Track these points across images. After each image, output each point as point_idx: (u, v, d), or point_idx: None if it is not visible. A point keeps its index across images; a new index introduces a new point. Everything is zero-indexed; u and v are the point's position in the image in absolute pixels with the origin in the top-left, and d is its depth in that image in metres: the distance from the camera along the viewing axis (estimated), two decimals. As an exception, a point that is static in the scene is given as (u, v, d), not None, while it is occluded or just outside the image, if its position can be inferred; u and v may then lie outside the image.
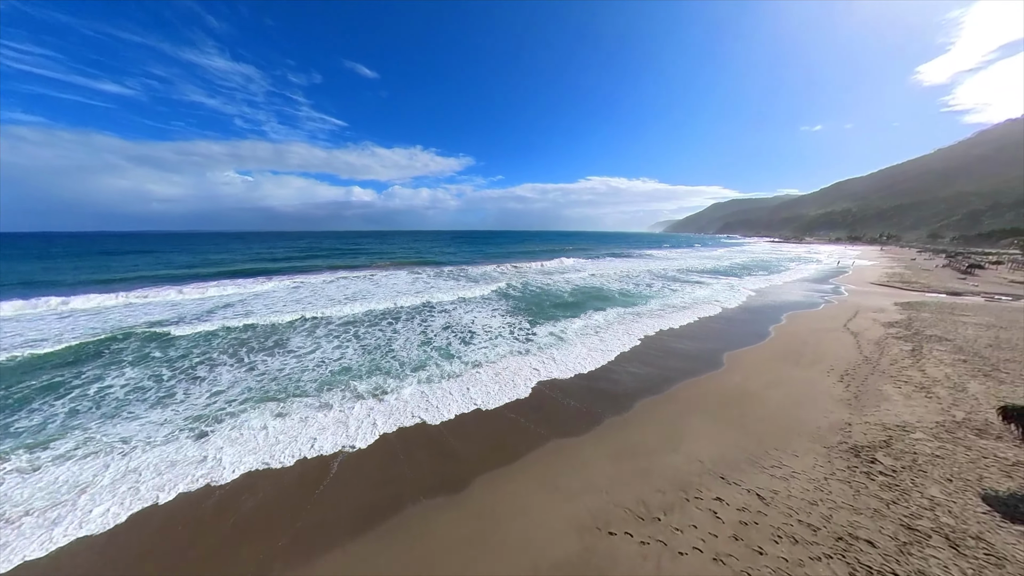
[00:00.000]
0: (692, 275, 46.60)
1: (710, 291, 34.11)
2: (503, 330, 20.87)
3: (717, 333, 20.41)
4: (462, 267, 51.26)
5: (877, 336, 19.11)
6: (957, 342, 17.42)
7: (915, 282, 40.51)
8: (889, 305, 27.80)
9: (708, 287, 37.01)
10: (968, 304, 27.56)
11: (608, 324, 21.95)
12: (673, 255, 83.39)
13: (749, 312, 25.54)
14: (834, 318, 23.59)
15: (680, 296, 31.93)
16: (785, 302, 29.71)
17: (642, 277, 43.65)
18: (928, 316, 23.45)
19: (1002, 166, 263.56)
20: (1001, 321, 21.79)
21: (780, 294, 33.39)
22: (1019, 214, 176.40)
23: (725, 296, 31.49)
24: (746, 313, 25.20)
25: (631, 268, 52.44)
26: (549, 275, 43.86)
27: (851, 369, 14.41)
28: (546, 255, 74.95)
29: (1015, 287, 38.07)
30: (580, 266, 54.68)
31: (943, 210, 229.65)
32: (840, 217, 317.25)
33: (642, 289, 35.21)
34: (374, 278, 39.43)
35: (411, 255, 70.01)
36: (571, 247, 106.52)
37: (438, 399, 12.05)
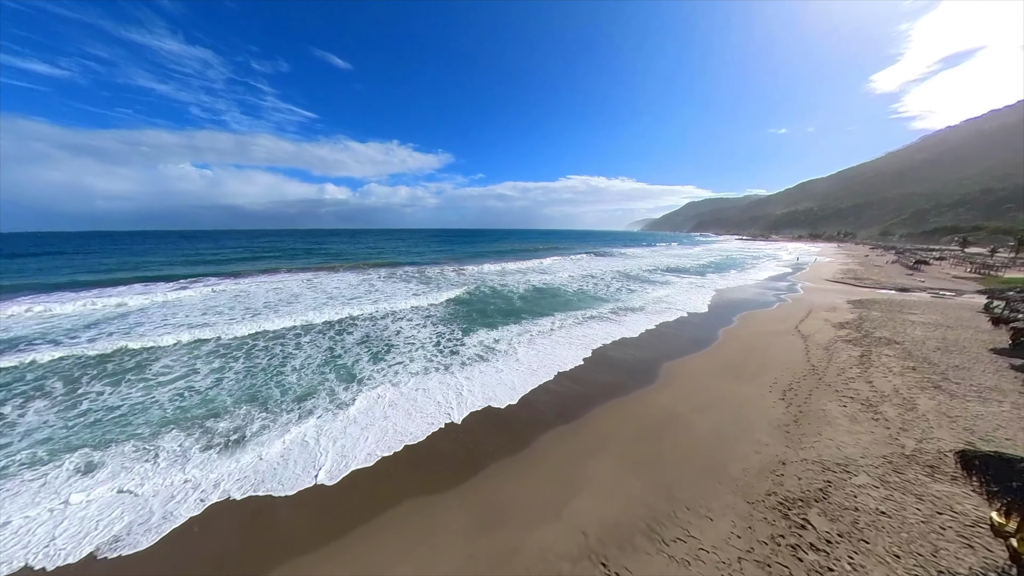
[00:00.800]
0: (656, 274, 45.65)
1: (669, 291, 32.87)
2: (428, 343, 18.27)
3: (662, 340, 18.69)
4: (422, 267, 48.19)
5: (827, 339, 17.94)
6: (906, 345, 16.40)
7: (867, 279, 41.12)
8: (841, 303, 27.31)
9: (669, 286, 35.90)
10: (915, 301, 27.45)
11: (551, 331, 19.81)
12: (644, 253, 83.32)
13: (702, 314, 24.15)
14: (786, 319, 22.54)
15: (638, 297, 30.43)
16: (741, 301, 28.76)
17: (606, 277, 42.17)
18: (878, 315, 22.83)
19: (943, 169, 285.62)
20: (947, 319, 21.34)
21: (737, 293, 32.56)
22: (957, 213, 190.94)
23: (683, 296, 30.23)
24: (699, 315, 23.79)
25: (599, 267, 51.04)
26: (509, 275, 41.59)
27: (796, 382, 12.84)
28: (517, 255, 72.75)
29: (957, 282, 39.25)
30: (547, 266, 52.78)
31: (893, 209, 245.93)
32: (803, 216, 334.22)
33: (600, 290, 33.53)
34: (315, 281, 35.79)
35: (373, 255, 65.97)
36: (546, 246, 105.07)
37: (297, 456, 9.28)
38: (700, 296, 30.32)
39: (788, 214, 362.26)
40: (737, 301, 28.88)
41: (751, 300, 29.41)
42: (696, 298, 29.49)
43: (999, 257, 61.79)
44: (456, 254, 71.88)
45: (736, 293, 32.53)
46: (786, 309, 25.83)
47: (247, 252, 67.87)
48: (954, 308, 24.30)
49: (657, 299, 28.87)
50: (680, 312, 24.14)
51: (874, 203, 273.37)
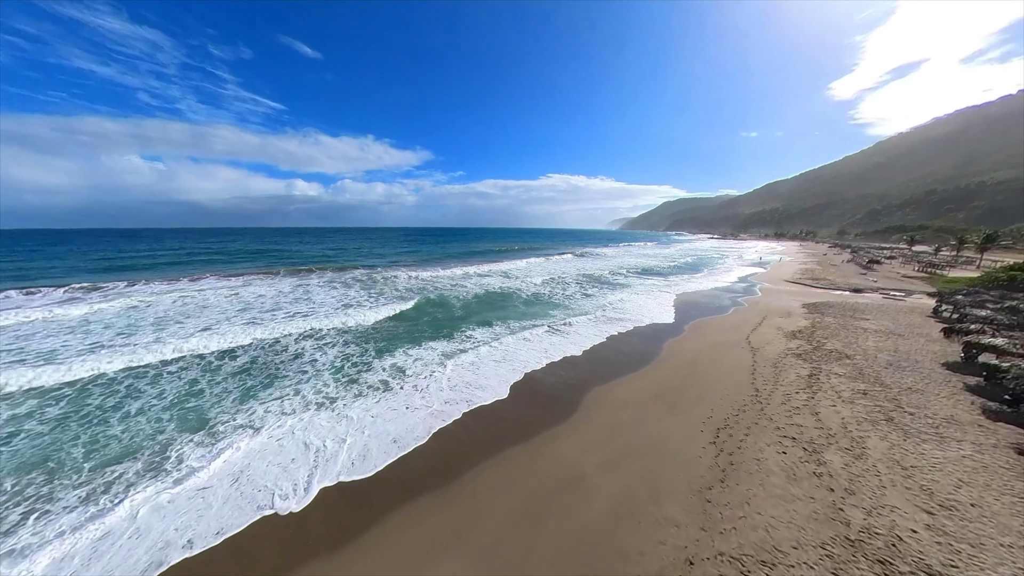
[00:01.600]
0: (622, 276, 44.17)
1: (629, 296, 31.10)
2: (327, 369, 15.26)
3: (603, 357, 16.54)
4: (375, 271, 44.48)
5: (777, 353, 16.36)
6: (857, 361, 14.96)
7: (823, 279, 41.22)
8: (797, 307, 26.38)
9: (630, 290, 34.26)
10: (868, 304, 26.87)
11: (485, 347, 17.24)
12: (617, 253, 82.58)
13: (653, 323, 22.31)
14: (739, 327, 21.04)
15: (594, 303, 28.49)
16: (697, 306, 27.35)
17: (570, 280, 40.15)
18: (831, 321, 21.78)
19: (894, 172, 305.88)
20: (898, 325, 20.45)
21: (696, 297, 31.23)
22: (905, 212, 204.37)
23: (640, 302, 28.47)
24: (650, 325, 21.92)
25: (567, 269, 49.05)
26: (469, 279, 38.75)
27: (734, 415, 10.87)
28: (487, 256, 69.95)
29: (906, 282, 39.92)
30: (512, 269, 50.24)
31: (850, 209, 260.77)
32: (770, 215, 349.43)
33: (558, 295, 31.33)
34: (242, 290, 31.58)
35: (331, 256, 61.28)
36: (523, 246, 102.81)
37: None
38: (658, 302, 28.69)
39: (756, 213, 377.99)
40: (694, 306, 27.44)
41: (708, 305, 28.08)
42: (653, 304, 27.81)
43: (943, 256, 64.91)
44: (421, 255, 68.19)
45: (695, 297, 31.19)
46: (741, 315, 24.53)
47: (186, 254, 61.34)
48: (905, 312, 23.70)
49: (614, 306, 26.94)
50: (631, 322, 22.17)
51: (833, 203, 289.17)
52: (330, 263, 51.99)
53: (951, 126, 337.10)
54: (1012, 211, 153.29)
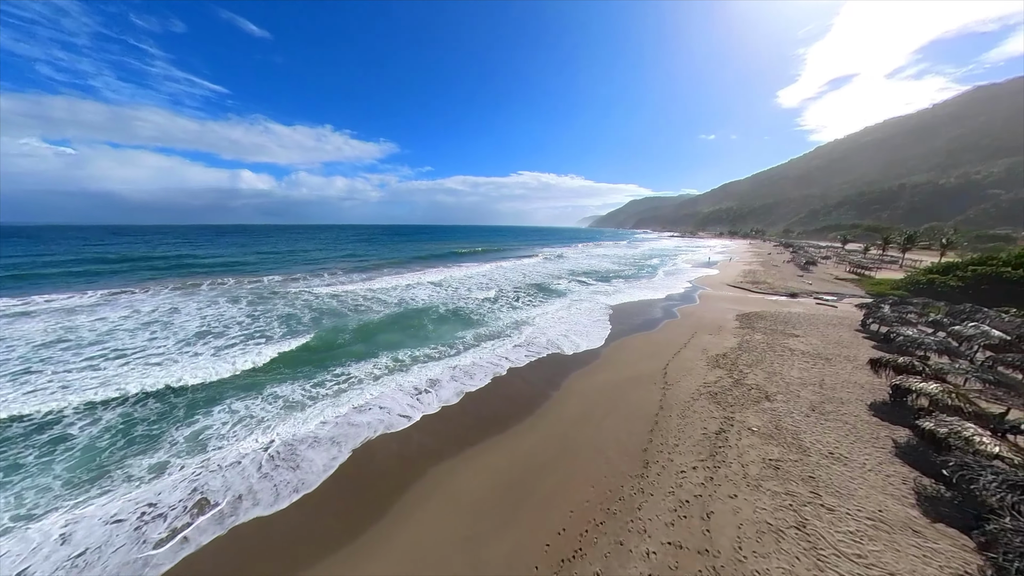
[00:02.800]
0: (563, 281, 41.25)
1: (557, 308, 27.88)
2: (97, 441, 10.29)
3: (477, 404, 12.86)
4: (292, 280, 38.30)
5: (690, 393, 13.49)
6: (777, 405, 12.33)
7: (763, 282, 40.71)
8: (730, 319, 24.40)
9: (563, 299, 31.18)
10: (800, 314, 25.40)
11: (301, 411, 12.90)
12: (575, 254, 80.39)
13: (567, 347, 19.03)
14: (661, 350, 18.28)
15: (517, 315, 25.10)
16: (628, 319, 24.66)
17: (508, 288, 36.46)
18: (760, 340, 19.65)
19: (831, 175, 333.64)
20: (827, 344, 18.58)
21: (631, 308, 28.60)
22: (840, 212, 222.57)
23: (567, 318, 25.24)
24: (561, 352, 18.59)
25: (509, 275, 45.28)
26: (394, 292, 33.94)
27: (596, 525, 7.48)
28: (434, 260, 64.89)
29: (838, 284, 40.28)
30: (448, 279, 45.81)
31: (794, 208, 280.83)
32: (725, 214, 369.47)
33: (480, 310, 27.43)
34: (67, 319, 24.84)
35: (249, 264, 53.44)
36: (484, 247, 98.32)
37: None
38: (589, 317, 25.62)
39: (714, 212, 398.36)
40: (625, 319, 24.68)
41: (640, 317, 25.50)
42: (583, 320, 24.70)
43: (872, 255, 68.78)
44: (364, 259, 61.62)
45: (631, 308, 28.58)
46: (671, 331, 22.01)
47: (45, 263, 50.19)
48: (834, 325, 22.20)
49: (534, 324, 23.46)
50: (538, 351, 18.65)
51: (781, 203, 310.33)
52: (240, 271, 44.70)
53: (878, 134, 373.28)
54: (926, 211, 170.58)
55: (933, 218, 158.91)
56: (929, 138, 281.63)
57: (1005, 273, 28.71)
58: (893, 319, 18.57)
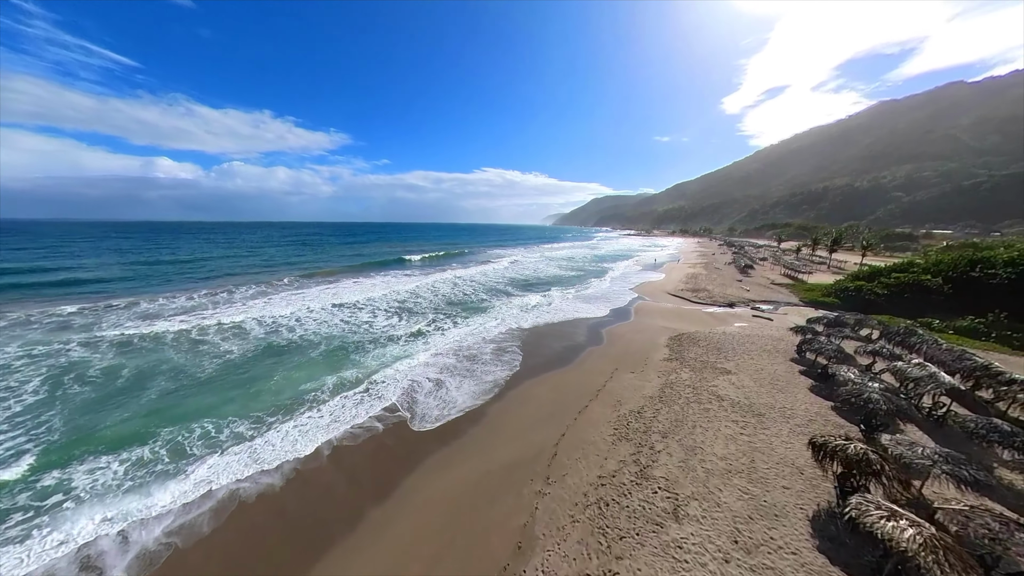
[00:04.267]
0: (495, 295, 36.58)
1: (460, 334, 22.86)
2: None
3: (274, 515, 7.49)
4: (114, 306, 29.68)
5: (574, 501, 9.10)
6: (686, 531, 8.26)
7: (703, 289, 38.94)
8: (661, 345, 20.97)
9: (481, 318, 26.31)
10: (735, 337, 22.63)
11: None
12: (528, 258, 76.21)
13: (433, 408, 14.10)
14: (565, 405, 13.98)
15: (394, 350, 19.73)
16: (542, 347, 20.35)
17: (426, 306, 30.98)
18: (687, 379, 16.11)
19: (768, 177, 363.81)
20: (760, 389, 15.30)
21: (552, 330, 24.26)
22: (775, 212, 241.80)
23: (462, 348, 20.31)
24: (421, 414, 13.62)
25: (439, 289, 39.67)
26: (260, 322, 26.87)
27: None
28: (361, 271, 57.47)
29: (774, 290, 39.57)
30: (361, 298, 39.26)
31: (737, 208, 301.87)
32: (678, 212, 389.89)
33: (378, 338, 21.82)
34: None
35: (104, 278, 42.64)
36: (432, 253, 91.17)
37: None
38: (494, 347, 20.87)
39: (668, 211, 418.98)
40: (538, 349, 20.28)
41: (560, 342, 21.35)
42: (482, 351, 19.91)
43: (804, 255, 72.02)
44: (273, 270, 52.33)
45: (552, 331, 24.32)
46: (588, 367, 17.97)
47: None
48: (769, 353, 19.39)
49: (411, 363, 18.26)
50: (383, 418, 13.50)
51: (726, 203, 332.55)
52: (61, 294, 33.89)
53: (806, 140, 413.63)
54: (846, 210, 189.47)
55: (851, 217, 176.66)
56: (846, 146, 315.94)
57: (924, 280, 28.48)
58: (831, 352, 15.78)
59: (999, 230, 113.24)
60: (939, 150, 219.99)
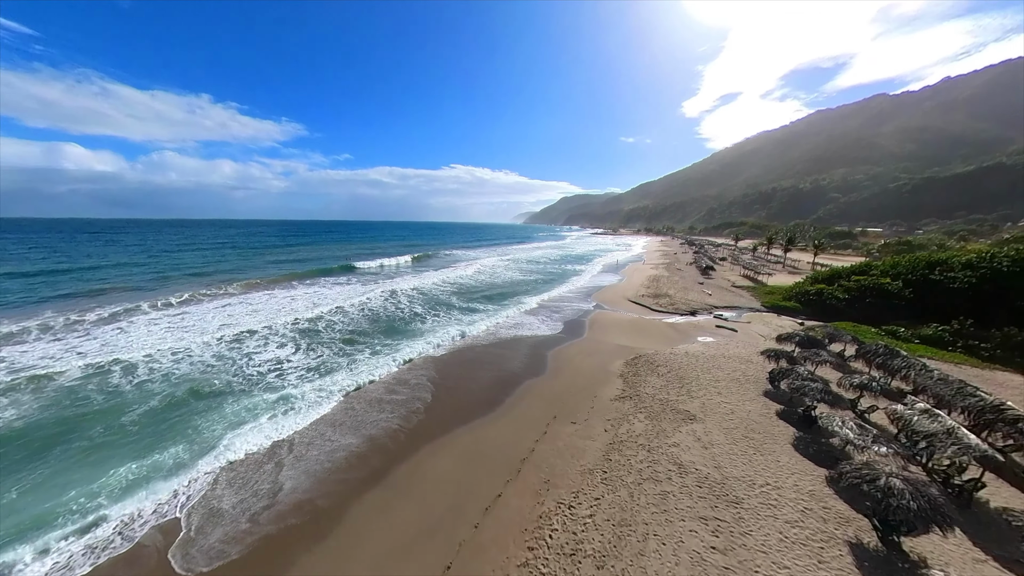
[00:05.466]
0: (437, 307, 31.55)
1: (362, 372, 17.71)
2: None
3: None
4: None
5: None
6: None
7: (665, 294, 36.26)
8: (613, 376, 17.09)
9: (403, 344, 21.16)
10: (699, 360, 19.32)
11: None
12: (489, 261, 71.47)
13: (319, 475, 9.07)
14: (478, 482, 9.43)
15: (300, 390, 14.26)
16: (468, 380, 15.70)
17: (338, 328, 25.25)
18: (641, 431, 12.18)
19: (723, 178, 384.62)
20: (732, 447, 11.70)
21: (488, 352, 19.80)
22: (731, 211, 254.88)
23: (355, 398, 15.23)
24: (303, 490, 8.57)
25: (367, 303, 33.96)
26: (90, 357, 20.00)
27: None
28: (280, 284, 49.85)
29: (735, 294, 37.80)
30: (263, 310, 32.59)
31: (697, 208, 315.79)
32: (643, 212, 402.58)
33: (270, 380, 16.04)
34: None
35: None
36: (390, 250, 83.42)
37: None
38: (411, 378, 15.97)
39: (634, 210, 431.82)
40: (463, 380, 15.58)
41: (489, 371, 16.81)
42: (377, 400, 14.93)
43: (760, 254, 73.29)
44: (164, 281, 43.65)
45: (487, 353, 19.82)
46: (519, 414, 13.61)
47: None
48: (739, 384, 16.04)
49: (277, 422, 12.96)
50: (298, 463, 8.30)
51: (687, 203, 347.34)
52: None
53: (755, 144, 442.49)
54: (792, 210, 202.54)
55: (797, 215, 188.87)
56: (790, 150, 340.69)
57: (884, 284, 27.15)
58: (814, 392, 12.45)
59: (921, 228, 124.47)
60: (867, 155, 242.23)
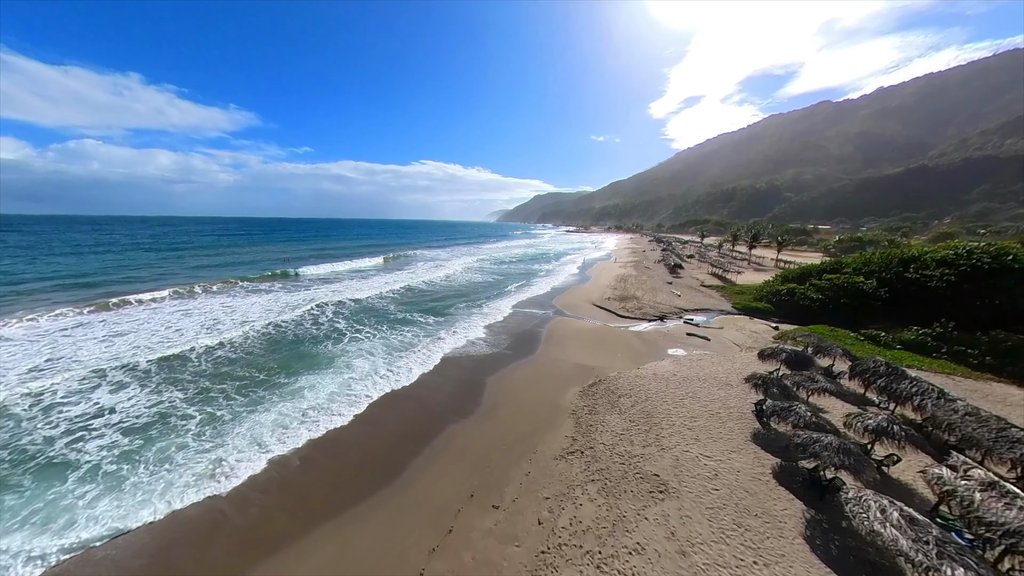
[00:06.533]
0: (374, 323, 26.32)
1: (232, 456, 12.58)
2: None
3: None
4: None
5: None
6: None
7: (632, 296, 33.14)
8: (563, 412, 13.12)
9: (318, 374, 16.09)
10: (671, 383, 15.80)
11: None
12: (452, 259, 66.20)
13: None
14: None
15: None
16: (372, 432, 11.01)
17: (202, 371, 19.38)
18: (590, 518, 8.20)
19: (688, 177, 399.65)
20: (721, 539, 8.02)
21: (408, 393, 15.22)
22: (696, 209, 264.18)
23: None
24: None
25: (279, 324, 27.95)
26: None
27: None
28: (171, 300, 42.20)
29: (705, 295, 35.50)
30: (130, 335, 25.77)
31: (664, 206, 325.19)
32: (613, 209, 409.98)
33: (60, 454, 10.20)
34: None
35: None
36: (337, 251, 75.25)
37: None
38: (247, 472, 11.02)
39: (605, 208, 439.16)
40: (367, 443, 10.91)
41: (407, 412, 12.20)
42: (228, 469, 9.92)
43: (726, 251, 73.43)
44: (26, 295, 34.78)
45: (407, 394, 15.20)
46: (421, 491, 9.15)
47: None
48: (721, 419, 12.57)
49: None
50: None
51: (655, 201, 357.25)
52: None
53: (715, 145, 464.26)
54: (750, 208, 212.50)
55: (755, 213, 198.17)
56: (747, 151, 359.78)
57: (858, 282, 25.30)
58: (833, 454, 8.92)
59: (864, 225, 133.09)
60: (814, 157, 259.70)
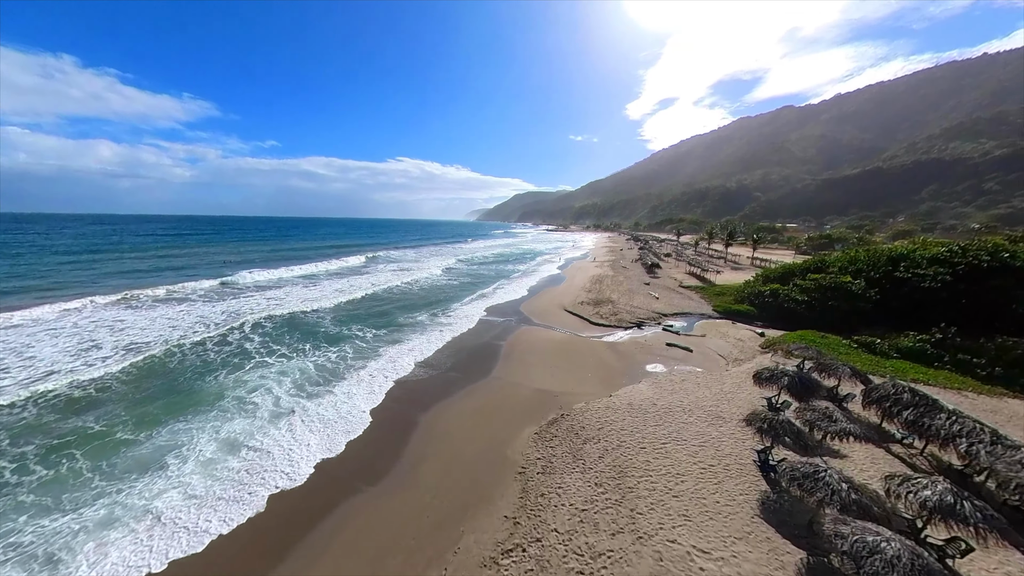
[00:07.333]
0: (304, 343, 21.94)
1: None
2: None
3: None
4: None
5: None
6: None
7: (608, 300, 30.28)
8: (512, 463, 9.72)
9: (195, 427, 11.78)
10: (651, 418, 12.70)
11: None
12: (419, 259, 61.63)
13: None
14: None
15: None
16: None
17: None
18: None
19: (663, 176, 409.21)
20: None
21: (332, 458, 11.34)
22: (671, 208, 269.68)
23: None
24: None
25: (187, 336, 23.03)
26: None
27: None
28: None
29: (683, 295, 33.22)
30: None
31: (641, 205, 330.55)
32: (592, 208, 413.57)
33: None
34: None
35: None
36: (300, 253, 68.51)
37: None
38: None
39: (584, 206, 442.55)
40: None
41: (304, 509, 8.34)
42: None
43: (703, 249, 72.85)
44: None
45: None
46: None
47: None
48: (716, 478, 9.53)
49: None
50: None
51: (632, 200, 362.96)
52: None
53: (688, 147, 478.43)
54: (722, 207, 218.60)
55: (728, 212, 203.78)
56: (718, 152, 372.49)
57: (847, 283, 23.40)
58: (891, 568, 5.92)
59: (828, 224, 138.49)
60: (780, 158, 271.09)
